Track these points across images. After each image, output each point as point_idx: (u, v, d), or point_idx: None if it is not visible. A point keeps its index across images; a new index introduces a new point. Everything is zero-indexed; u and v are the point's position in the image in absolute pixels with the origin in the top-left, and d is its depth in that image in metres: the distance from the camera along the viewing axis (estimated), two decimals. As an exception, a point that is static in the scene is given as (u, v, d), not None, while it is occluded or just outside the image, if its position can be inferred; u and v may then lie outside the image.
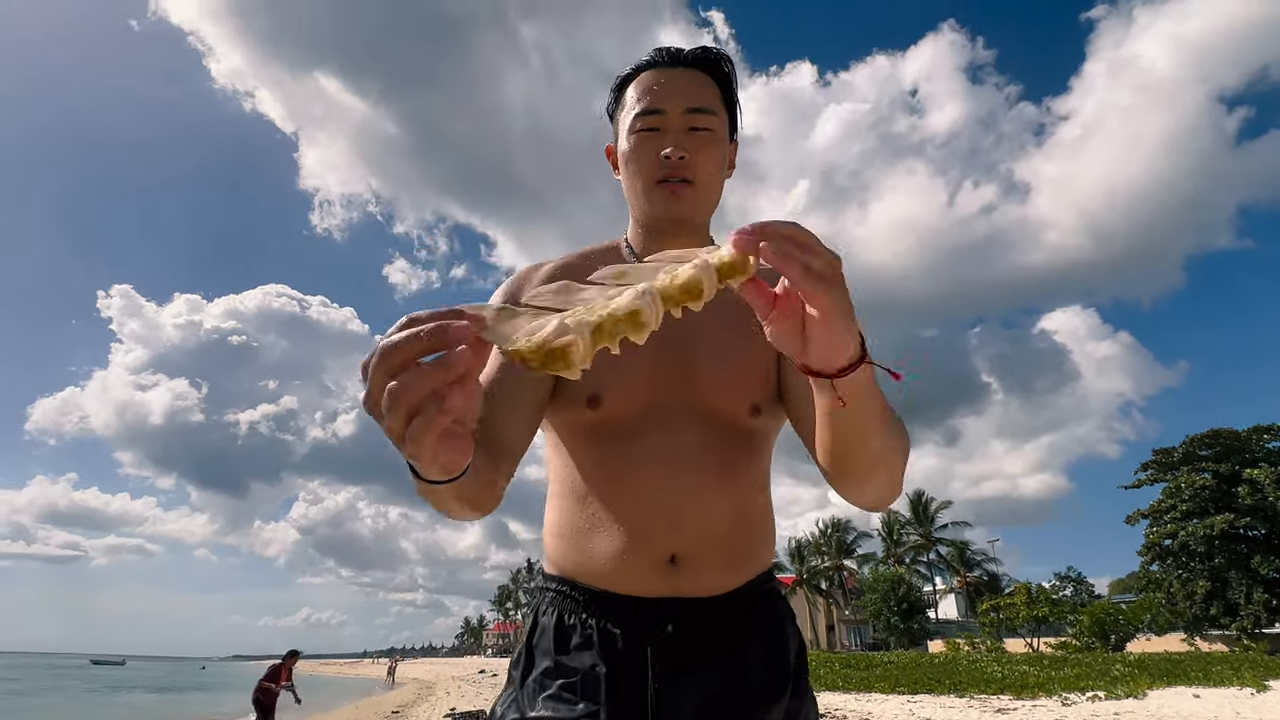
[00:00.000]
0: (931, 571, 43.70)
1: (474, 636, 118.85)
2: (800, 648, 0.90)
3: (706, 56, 0.91)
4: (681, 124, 0.87)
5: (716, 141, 0.89)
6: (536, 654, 0.85)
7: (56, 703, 23.18)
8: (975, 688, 11.10)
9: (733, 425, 0.86)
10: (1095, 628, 24.31)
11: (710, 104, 0.89)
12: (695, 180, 0.88)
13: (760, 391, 0.87)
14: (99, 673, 64.89)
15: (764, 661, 0.85)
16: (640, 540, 0.82)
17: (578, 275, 0.87)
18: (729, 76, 0.92)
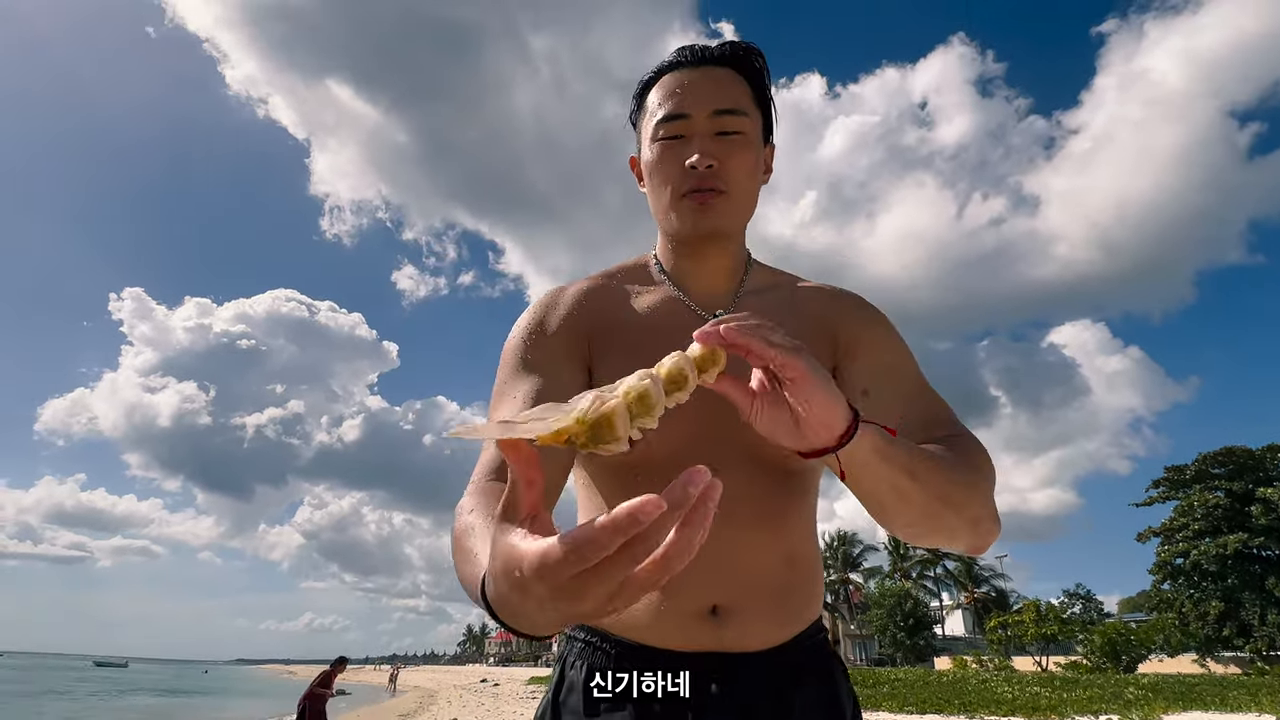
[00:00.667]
0: (938, 587, 43.31)
1: (476, 644, 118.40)
2: (855, 710, 0.82)
3: (735, 52, 0.82)
4: (708, 128, 0.80)
5: (748, 145, 0.81)
6: (564, 713, 0.78)
7: (64, 706, 23.18)
8: (985, 708, 10.92)
9: (780, 466, 0.79)
10: (1106, 648, 23.94)
11: (740, 104, 0.81)
12: (728, 189, 0.80)
13: None
14: (102, 675, 65.00)
15: None
16: (679, 588, 0.74)
17: (605, 298, 0.87)
18: (761, 73, 0.84)
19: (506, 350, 0.84)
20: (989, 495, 0.69)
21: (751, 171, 0.82)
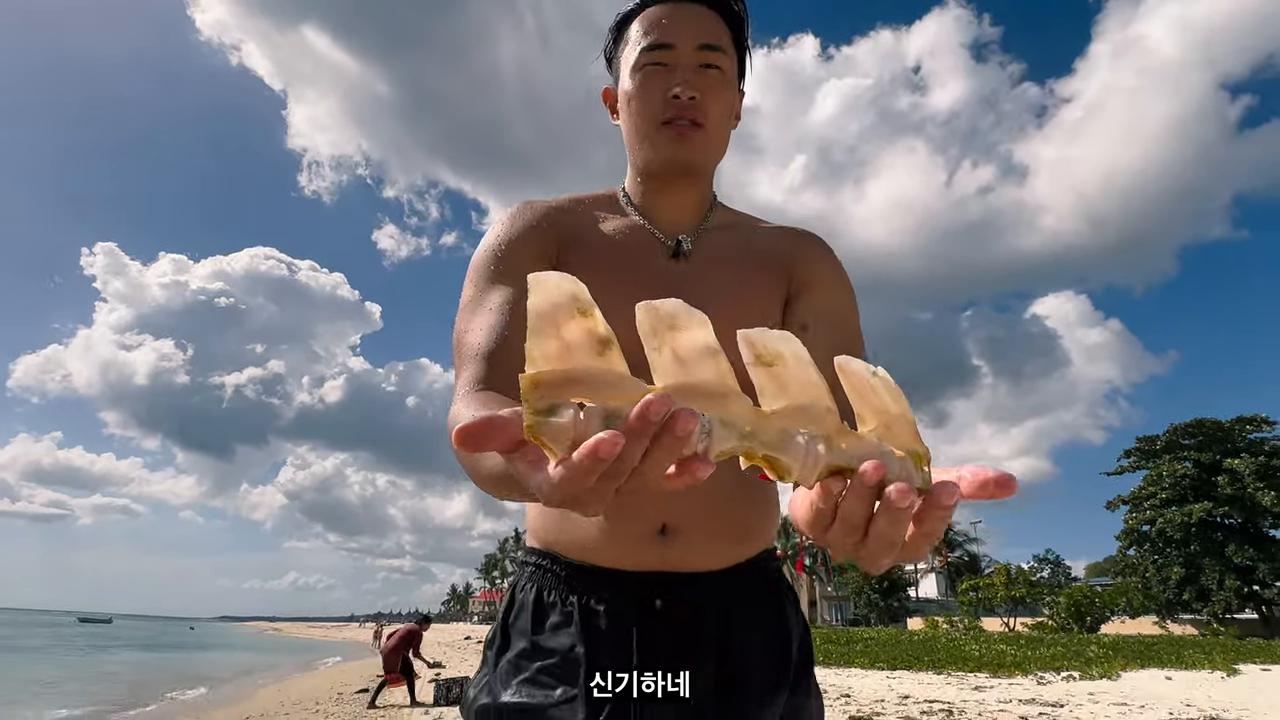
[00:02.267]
0: (913, 551, 44.52)
1: (460, 604, 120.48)
2: (804, 636, 0.83)
3: (721, 2, 0.83)
4: (693, 60, 0.80)
5: (727, 83, 0.82)
6: (512, 634, 0.78)
7: (55, 660, 23.39)
8: (953, 665, 11.32)
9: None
10: (1072, 609, 24.87)
11: (721, 41, 0.82)
12: (705, 124, 0.80)
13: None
14: (87, 630, 65.37)
15: (762, 649, 0.77)
16: (629, 508, 0.74)
17: (574, 216, 0.86)
18: (741, 17, 0.84)
19: (476, 260, 0.82)
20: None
21: (728, 111, 0.84)
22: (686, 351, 0.36)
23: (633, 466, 0.34)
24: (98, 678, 16.56)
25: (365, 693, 10.73)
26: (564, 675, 0.72)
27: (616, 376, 0.35)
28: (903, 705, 7.40)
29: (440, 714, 8.11)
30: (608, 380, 0.35)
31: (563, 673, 0.72)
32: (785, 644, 0.79)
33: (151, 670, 20.86)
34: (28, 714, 9.95)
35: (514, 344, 0.72)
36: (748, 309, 0.80)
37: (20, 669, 18.77)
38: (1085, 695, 7.88)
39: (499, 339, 0.73)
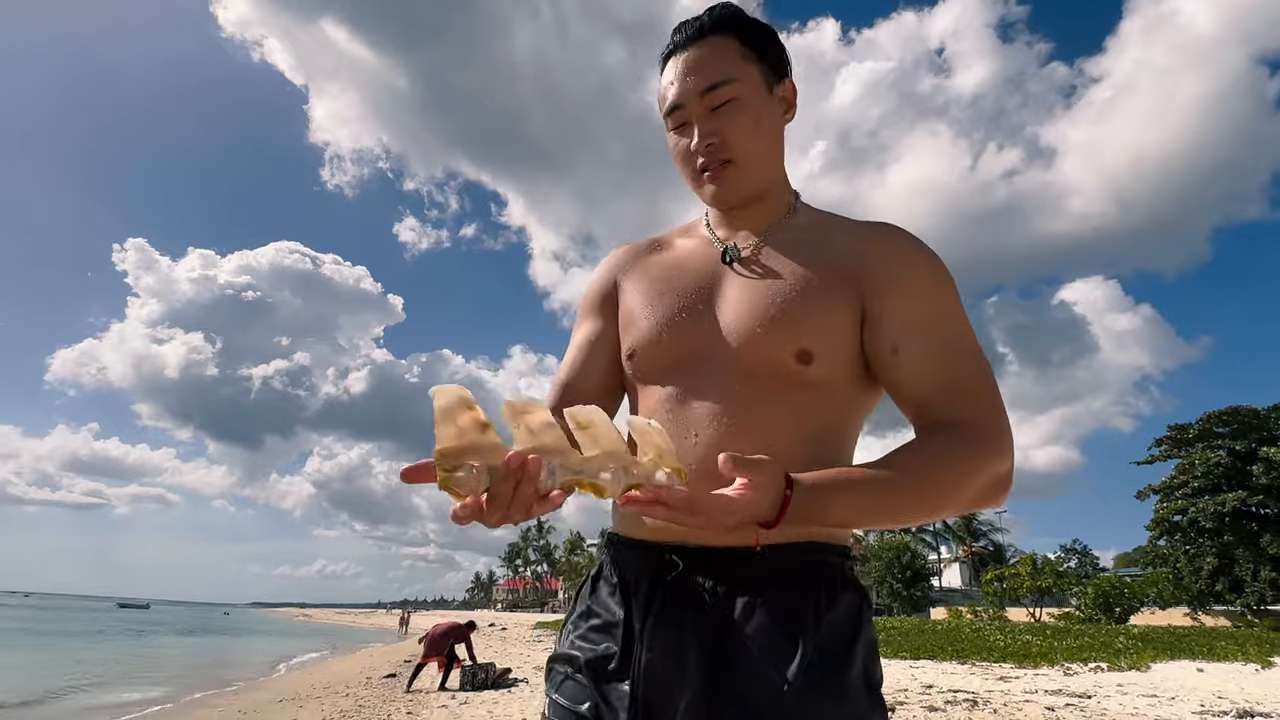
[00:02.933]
0: (936, 540, 44.10)
1: (484, 591, 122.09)
2: (851, 642, 0.75)
3: (716, 20, 0.84)
4: (703, 108, 0.84)
5: (743, 108, 0.83)
6: (578, 601, 0.90)
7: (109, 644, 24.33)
8: (978, 655, 11.24)
9: (777, 375, 0.79)
10: (1100, 600, 24.49)
11: (727, 72, 0.83)
12: (734, 156, 0.84)
13: (810, 337, 0.78)
14: (126, 615, 67.51)
15: (764, 632, 0.73)
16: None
17: (639, 251, 0.97)
18: (747, 25, 0.85)
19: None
20: (955, 494, 0.73)
21: (753, 131, 0.84)
22: (535, 425, 0.59)
23: (508, 499, 0.57)
24: (151, 662, 17.22)
25: (393, 677, 10.98)
26: (608, 633, 0.81)
27: (492, 446, 0.57)
28: (926, 694, 7.39)
29: (467, 698, 8.28)
30: (487, 448, 0.57)
31: (607, 630, 0.82)
32: (794, 634, 0.73)
33: (195, 654, 21.61)
34: (102, 697, 10.39)
35: (584, 372, 0.94)
36: (798, 305, 0.80)
37: (74, 652, 19.53)
38: (1114, 686, 7.78)
39: (571, 370, 0.95)
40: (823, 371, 0.79)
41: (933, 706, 6.63)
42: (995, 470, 0.73)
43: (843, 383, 0.81)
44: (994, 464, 0.73)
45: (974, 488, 0.73)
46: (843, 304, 0.80)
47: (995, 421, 0.75)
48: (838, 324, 0.80)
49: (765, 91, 0.85)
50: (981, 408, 0.75)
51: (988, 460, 0.73)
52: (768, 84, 0.86)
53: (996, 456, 0.73)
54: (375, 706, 7.99)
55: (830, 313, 0.80)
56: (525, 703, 7.61)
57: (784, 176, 0.92)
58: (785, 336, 0.79)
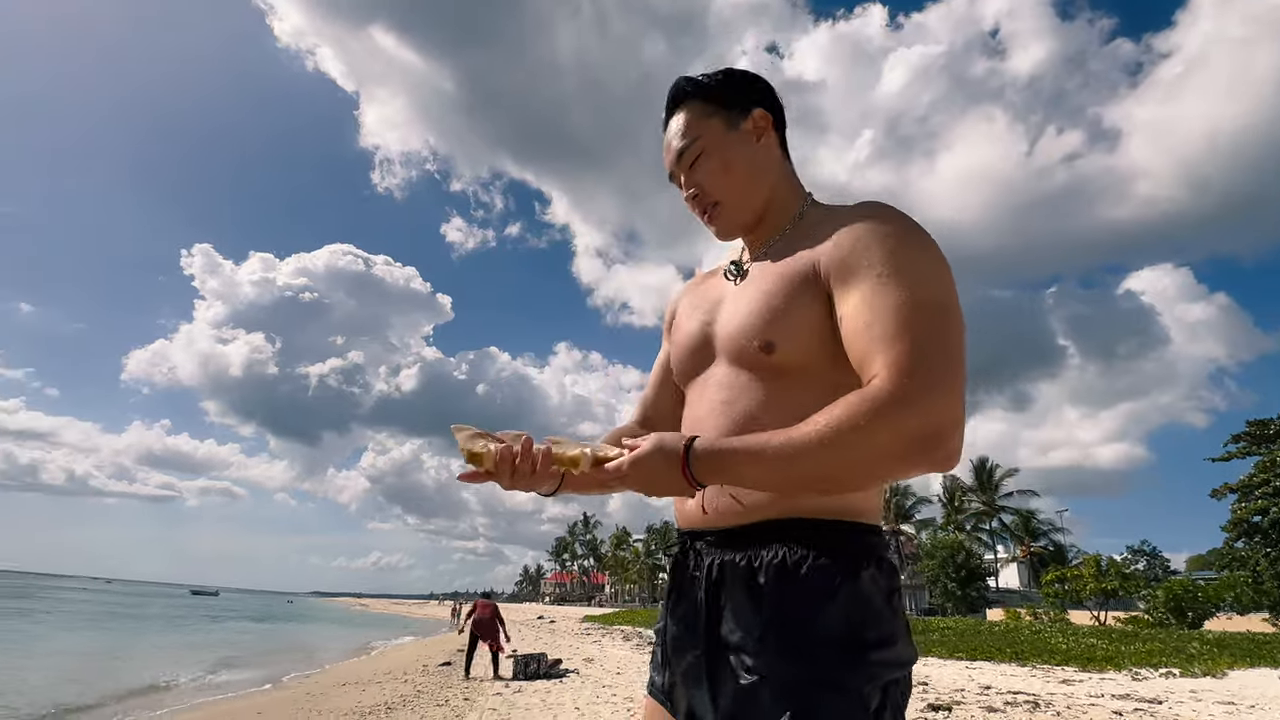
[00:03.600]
0: (993, 540, 42.64)
1: (532, 584, 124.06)
2: (819, 605, 0.81)
3: (675, 96, 1.01)
4: (683, 169, 1.00)
5: (710, 156, 0.98)
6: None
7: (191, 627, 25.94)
8: (1038, 657, 10.88)
9: (752, 365, 0.91)
10: (1171, 603, 23.28)
11: (690, 135, 0.98)
12: (718, 199, 0.99)
13: (772, 329, 0.88)
14: (199, 602, 71.31)
15: (743, 596, 0.86)
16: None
17: (710, 279, 1.10)
18: (699, 88, 0.99)
19: None
20: (852, 453, 0.71)
21: (724, 174, 0.98)
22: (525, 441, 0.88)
23: (513, 467, 0.85)
24: (233, 647, 18.29)
25: (449, 665, 11.32)
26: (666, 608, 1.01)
27: (488, 440, 0.88)
28: (984, 695, 7.21)
29: (520, 687, 8.48)
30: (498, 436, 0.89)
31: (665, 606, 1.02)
32: (759, 597, 0.83)
33: (271, 639, 22.77)
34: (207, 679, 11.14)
35: (657, 390, 1.15)
36: (763, 303, 0.91)
37: (162, 635, 20.91)
38: (1187, 693, 7.43)
39: (649, 388, 1.18)
40: (786, 357, 0.87)
41: (991, 707, 6.47)
42: (901, 426, 0.70)
43: (813, 364, 0.87)
44: (896, 419, 0.70)
45: (875, 445, 0.70)
46: (805, 294, 0.87)
47: (907, 374, 0.71)
48: (799, 313, 0.87)
49: (728, 133, 0.98)
50: (893, 358, 0.73)
51: (887, 416, 0.70)
52: (730, 126, 0.98)
53: (901, 411, 0.70)
54: (433, 692, 8.26)
55: (790, 304, 0.88)
56: (576, 692, 7.75)
57: (781, 191, 1.00)
58: (753, 332, 0.90)
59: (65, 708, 7.84)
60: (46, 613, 30.18)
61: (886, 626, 0.82)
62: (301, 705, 7.70)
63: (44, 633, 19.00)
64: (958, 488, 43.50)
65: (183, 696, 8.97)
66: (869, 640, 0.80)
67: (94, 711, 7.69)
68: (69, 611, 32.30)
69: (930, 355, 0.73)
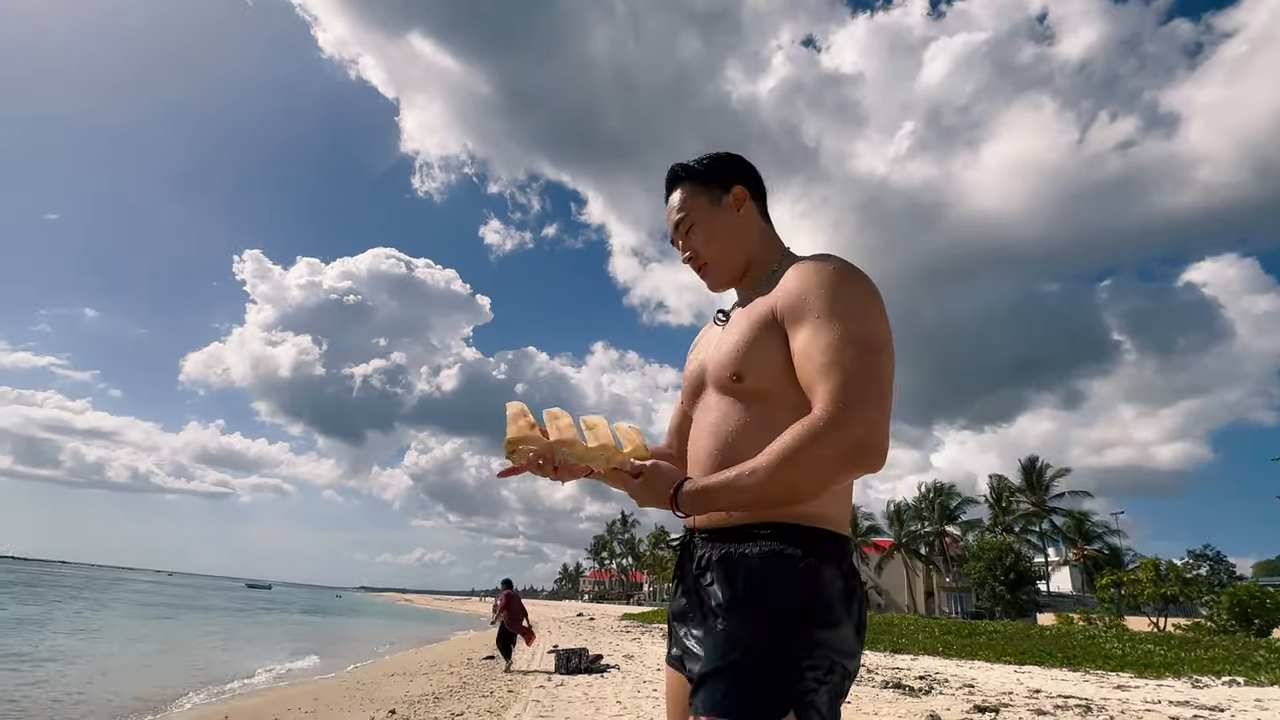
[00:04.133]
0: (1044, 542, 41.23)
1: (572, 583, 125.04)
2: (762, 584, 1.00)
3: (671, 179, 1.27)
4: (679, 236, 1.25)
5: (698, 227, 1.22)
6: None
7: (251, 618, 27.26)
8: (1091, 663, 10.55)
9: (731, 392, 1.12)
10: (1236, 610, 22.17)
11: (684, 208, 1.23)
12: (705, 261, 1.23)
13: (741, 363, 1.09)
14: (254, 595, 74.03)
15: (719, 579, 1.05)
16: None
17: (714, 325, 1.31)
18: (689, 173, 1.24)
19: None
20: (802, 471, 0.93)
21: (709, 241, 1.22)
22: (561, 425, 1.13)
23: (539, 468, 1.11)
24: (293, 637, 19.10)
25: (492, 659, 11.56)
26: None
27: (537, 438, 1.10)
28: (1033, 699, 7.04)
29: (562, 680, 8.63)
30: (534, 439, 1.10)
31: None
32: (731, 585, 1.03)
33: (323, 631, 23.68)
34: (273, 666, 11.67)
35: (679, 420, 1.36)
36: (735, 341, 1.12)
37: (228, 626, 21.87)
38: (1251, 702, 7.12)
39: (676, 417, 1.38)
40: (752, 385, 1.09)
41: (1041, 710, 6.32)
42: (836, 443, 0.91)
43: (776, 389, 1.07)
44: (833, 435, 0.91)
45: (819, 461, 0.92)
46: (766, 333, 1.08)
47: (837, 398, 0.93)
48: (762, 348, 1.08)
49: (712, 208, 1.22)
50: (828, 389, 0.94)
51: (825, 434, 0.91)
52: (714, 201, 1.22)
53: (835, 431, 0.91)
54: (478, 684, 8.47)
55: (754, 341, 1.09)
56: (618, 687, 7.85)
57: (761, 251, 1.22)
58: (727, 366, 1.12)
59: (150, 699, 8.29)
60: (118, 602, 31.80)
61: (837, 612, 0.98)
62: (354, 694, 7.99)
63: (120, 622, 20.08)
64: (1005, 488, 42.18)
65: (252, 683, 9.39)
66: (816, 619, 0.96)
67: (184, 697, 8.13)
68: (138, 602, 33.95)
69: (856, 383, 0.93)
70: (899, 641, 14.54)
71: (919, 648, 13.60)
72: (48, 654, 11.10)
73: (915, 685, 8.04)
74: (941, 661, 11.45)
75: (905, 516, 46.77)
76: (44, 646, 12.09)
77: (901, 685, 8.02)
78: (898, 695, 7.32)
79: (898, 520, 47.05)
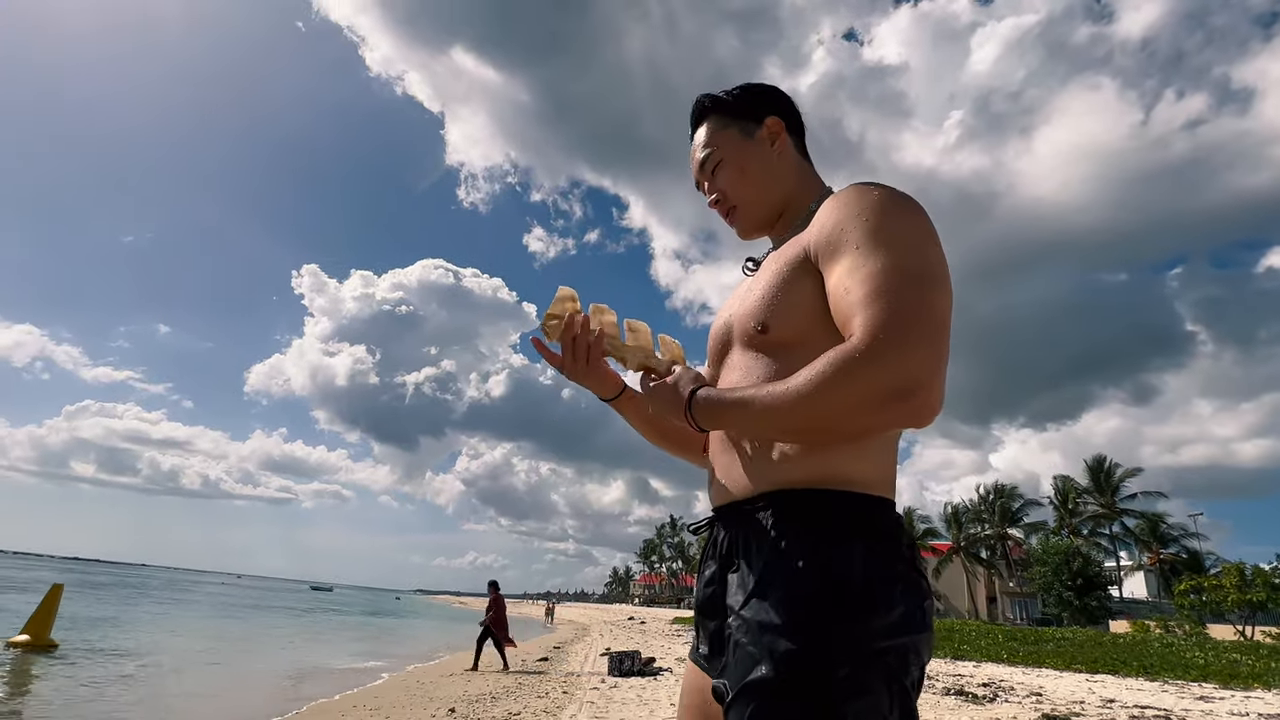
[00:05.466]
0: (1115, 545, 39.21)
1: (622, 586, 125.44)
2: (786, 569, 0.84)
3: (697, 113, 1.14)
4: (705, 176, 1.12)
5: (728, 164, 1.09)
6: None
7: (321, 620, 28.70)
8: (1170, 672, 10.00)
9: (756, 345, 0.98)
10: (1333, 618, 20.59)
11: (709, 146, 1.11)
12: (735, 201, 1.10)
13: (767, 312, 0.96)
14: (318, 596, 76.98)
15: (745, 562, 0.91)
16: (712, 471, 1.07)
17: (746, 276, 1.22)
18: (716, 104, 1.11)
19: None
20: (824, 405, 0.78)
21: (741, 179, 1.08)
22: (603, 317, 1.14)
23: (569, 343, 1.14)
24: (356, 638, 19.92)
25: (546, 660, 11.73)
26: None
27: (575, 310, 1.13)
28: (1106, 709, 6.72)
29: (616, 682, 8.68)
30: (574, 317, 1.13)
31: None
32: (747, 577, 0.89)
33: (386, 631, 24.55)
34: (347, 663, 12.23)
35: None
36: (759, 292, 0.99)
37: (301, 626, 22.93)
38: (1352, 715, 6.63)
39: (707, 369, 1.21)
40: (780, 335, 0.94)
41: (1115, 721, 6.04)
42: (872, 379, 0.75)
43: (808, 338, 0.91)
44: (867, 372, 0.75)
45: (847, 396, 0.76)
46: (797, 277, 0.93)
47: (880, 331, 0.76)
48: (791, 295, 0.94)
49: (744, 141, 1.08)
50: (870, 320, 0.77)
51: (857, 369, 0.75)
52: (745, 134, 1.08)
53: (871, 365, 0.75)
54: (532, 685, 8.62)
55: (782, 289, 0.95)
56: (671, 690, 7.86)
57: (798, 190, 1.08)
58: (751, 317, 0.98)
59: (253, 704, 8.72)
60: (199, 603, 33.59)
61: (878, 594, 0.80)
62: (414, 693, 8.23)
63: (210, 623, 21.34)
64: (1071, 489, 40.33)
65: (325, 680, 9.78)
66: (849, 609, 0.78)
67: (278, 698, 8.54)
68: (215, 602, 35.77)
69: (903, 315, 0.76)
70: (960, 648, 14.09)
71: (981, 654, 13.14)
72: (157, 651, 11.79)
73: (979, 692, 7.79)
74: (1006, 669, 11.04)
75: (964, 519, 45.22)
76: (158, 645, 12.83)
77: (964, 692, 7.78)
78: (961, 702, 7.11)
79: (956, 523, 45.52)
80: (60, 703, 6.63)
